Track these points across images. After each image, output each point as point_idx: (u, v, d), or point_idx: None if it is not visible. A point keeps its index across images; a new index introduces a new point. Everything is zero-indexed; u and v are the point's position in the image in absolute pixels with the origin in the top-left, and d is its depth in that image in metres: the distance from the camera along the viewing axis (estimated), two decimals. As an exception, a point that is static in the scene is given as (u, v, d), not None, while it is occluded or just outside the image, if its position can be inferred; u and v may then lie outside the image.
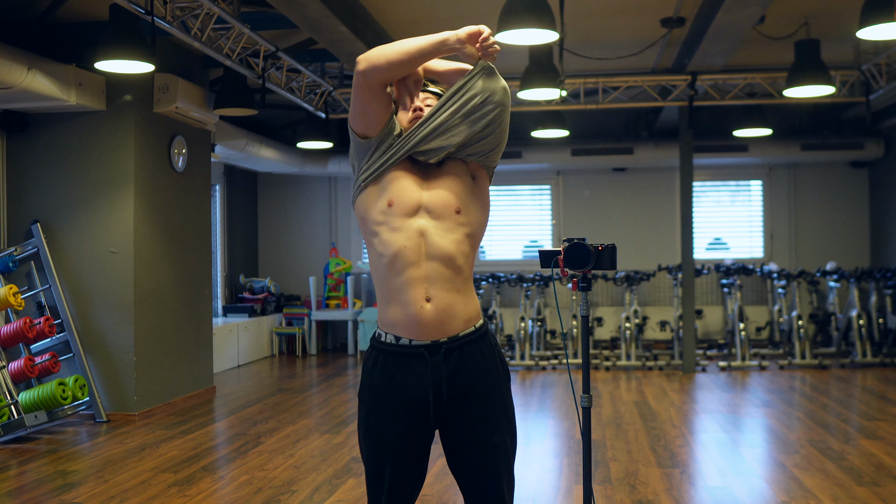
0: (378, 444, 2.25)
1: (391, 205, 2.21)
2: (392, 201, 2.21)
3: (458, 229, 2.22)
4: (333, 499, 4.30)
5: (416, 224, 2.20)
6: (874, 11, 5.08)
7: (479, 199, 2.29)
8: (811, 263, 10.53)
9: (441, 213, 2.21)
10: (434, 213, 2.21)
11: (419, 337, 2.20)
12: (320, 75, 7.72)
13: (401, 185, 2.22)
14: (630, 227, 10.73)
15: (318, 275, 10.91)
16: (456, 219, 2.22)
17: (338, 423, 6.24)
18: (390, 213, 2.21)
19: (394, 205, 2.21)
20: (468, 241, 2.25)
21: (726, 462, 5.02)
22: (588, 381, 2.66)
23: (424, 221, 2.20)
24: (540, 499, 4.32)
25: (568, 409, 6.67)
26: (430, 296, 2.19)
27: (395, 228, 2.20)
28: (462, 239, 2.23)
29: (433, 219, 2.21)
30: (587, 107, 8.07)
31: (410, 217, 2.20)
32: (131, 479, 4.70)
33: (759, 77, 7.64)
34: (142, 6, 4.74)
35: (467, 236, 2.24)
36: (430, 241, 2.19)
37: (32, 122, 6.45)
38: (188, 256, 7.23)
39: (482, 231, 2.32)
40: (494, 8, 5.24)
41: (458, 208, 2.22)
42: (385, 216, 2.22)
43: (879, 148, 9.88)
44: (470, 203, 2.25)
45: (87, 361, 6.34)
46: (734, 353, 9.21)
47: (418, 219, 2.20)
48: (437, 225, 2.20)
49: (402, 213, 2.20)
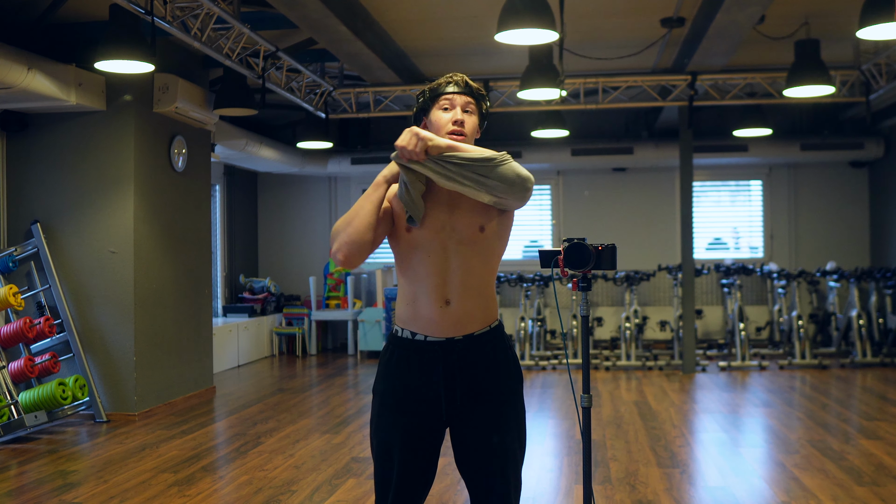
0: (389, 438, 2.28)
1: (410, 230, 2.26)
2: (412, 227, 2.25)
3: (481, 243, 2.26)
4: (333, 499, 4.30)
5: (441, 238, 2.24)
6: (874, 11, 5.07)
7: (502, 214, 2.30)
8: (811, 263, 10.53)
9: (465, 230, 2.25)
10: (458, 232, 2.25)
11: (435, 334, 2.24)
12: (320, 75, 7.72)
13: (425, 210, 2.25)
14: (630, 227, 10.73)
15: (318, 275, 10.91)
16: (480, 235, 2.26)
17: (338, 423, 6.23)
18: (415, 233, 2.25)
19: (415, 229, 2.25)
20: (491, 253, 2.29)
21: (726, 462, 5.02)
22: (588, 381, 2.66)
23: (449, 237, 2.24)
24: (540, 499, 4.32)
25: (568, 409, 6.66)
26: (450, 299, 2.24)
27: (418, 246, 2.25)
28: (484, 251, 2.27)
29: (457, 235, 2.25)
30: (587, 107, 8.06)
31: (436, 233, 2.24)
32: (131, 479, 4.70)
33: (759, 77, 7.64)
34: (142, 6, 4.74)
35: (490, 250, 2.29)
36: (454, 253, 2.24)
37: (32, 122, 6.45)
38: (188, 256, 7.23)
39: (503, 244, 2.35)
40: (494, 8, 5.24)
41: (481, 226, 2.26)
42: (409, 234, 2.27)
43: (879, 148, 9.88)
44: (493, 220, 2.27)
45: (87, 361, 6.34)
46: (734, 353, 9.21)
47: (443, 234, 2.24)
48: (460, 240, 2.24)
49: (428, 230, 2.24)
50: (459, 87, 2.31)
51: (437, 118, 2.30)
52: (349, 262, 2.21)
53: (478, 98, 2.34)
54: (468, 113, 2.31)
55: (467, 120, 2.30)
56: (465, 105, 2.31)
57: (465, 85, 2.32)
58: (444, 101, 2.30)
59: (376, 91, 7.98)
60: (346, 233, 2.20)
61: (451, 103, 2.30)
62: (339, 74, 8.13)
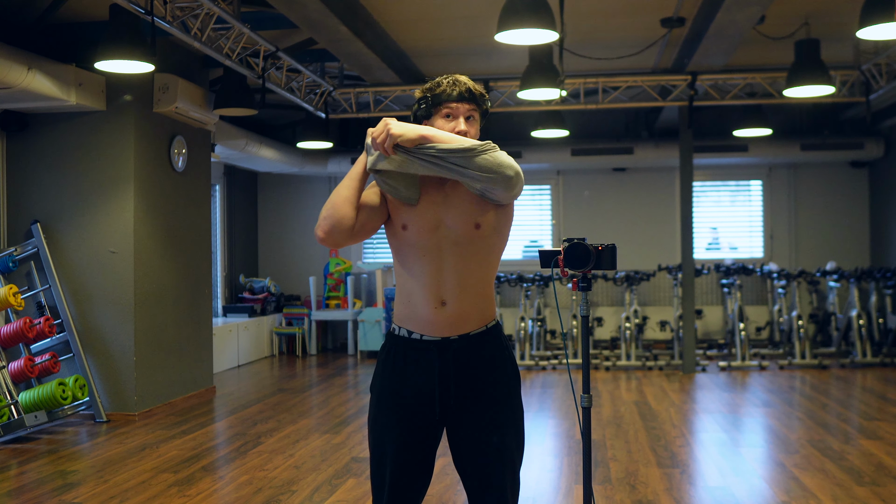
0: (384, 436, 2.28)
1: (405, 228, 2.25)
2: (407, 225, 2.25)
3: (477, 242, 2.25)
4: (333, 499, 4.30)
5: (436, 238, 2.24)
6: (874, 11, 5.07)
7: (499, 209, 2.28)
8: (811, 263, 10.53)
9: (460, 228, 2.24)
10: (453, 230, 2.24)
11: (431, 333, 2.25)
12: (320, 75, 7.72)
13: (419, 208, 2.25)
14: (630, 227, 10.73)
15: (318, 275, 10.91)
16: (475, 233, 2.25)
17: (338, 423, 6.23)
18: (409, 231, 2.25)
19: (410, 227, 2.25)
20: (489, 251, 2.28)
21: (726, 462, 5.02)
22: (588, 381, 2.66)
23: (444, 236, 2.24)
24: (540, 499, 4.32)
25: (568, 409, 6.66)
26: (446, 299, 2.24)
27: (414, 244, 2.25)
28: (481, 250, 2.27)
29: (452, 234, 2.24)
30: (587, 107, 8.06)
31: (431, 233, 2.24)
32: (131, 479, 4.70)
33: (759, 77, 7.64)
34: (142, 6, 4.74)
35: (487, 248, 2.28)
36: (450, 254, 2.23)
37: (32, 122, 6.45)
38: (188, 256, 7.23)
39: (503, 241, 2.33)
40: (494, 8, 5.24)
41: (477, 223, 2.25)
42: (405, 232, 2.26)
43: (879, 148, 9.88)
44: (489, 215, 2.26)
45: (87, 361, 6.34)
46: (734, 353, 9.21)
47: (438, 233, 2.24)
48: (456, 240, 2.24)
49: (423, 229, 2.24)
50: (463, 96, 2.25)
51: (439, 126, 2.26)
52: (329, 237, 2.21)
53: (480, 103, 2.30)
54: (471, 120, 2.28)
55: (470, 129, 2.26)
56: (468, 112, 2.27)
57: (469, 92, 2.26)
58: (446, 109, 2.26)
59: (376, 91, 7.98)
60: (325, 209, 2.22)
61: (455, 112, 2.26)
62: (339, 74, 8.13)
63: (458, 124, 2.25)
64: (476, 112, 2.28)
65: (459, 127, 2.24)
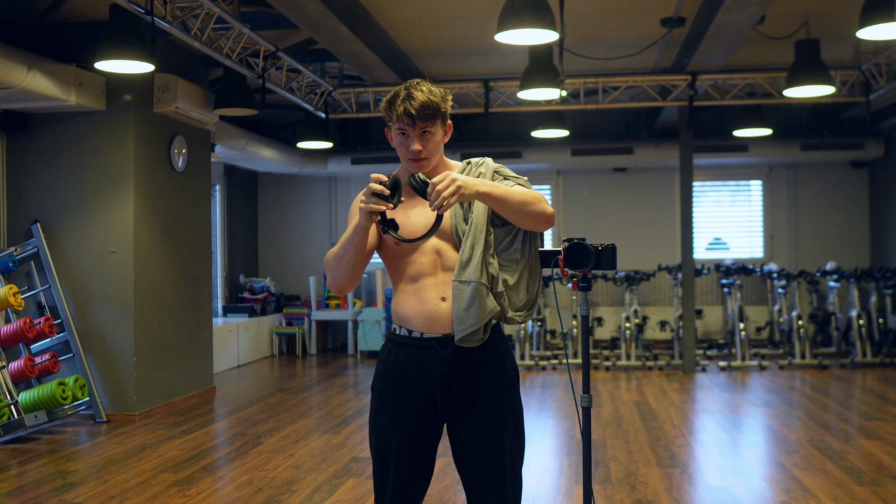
0: (386, 435, 2.29)
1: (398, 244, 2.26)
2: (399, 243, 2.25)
3: None
4: (333, 499, 4.30)
5: (432, 245, 2.25)
6: (874, 11, 5.07)
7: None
8: (811, 263, 10.53)
9: None
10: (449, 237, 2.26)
11: (431, 331, 2.26)
12: (320, 75, 7.72)
13: (413, 215, 2.26)
14: (630, 227, 10.73)
15: (318, 275, 10.91)
16: None
17: (338, 423, 6.23)
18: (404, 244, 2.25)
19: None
20: None
21: (726, 462, 5.02)
22: (588, 381, 2.66)
23: (440, 243, 2.25)
24: (540, 499, 4.32)
25: (568, 409, 6.66)
26: (446, 296, 2.25)
27: (411, 250, 2.26)
28: None
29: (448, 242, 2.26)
30: (587, 107, 8.06)
31: None
32: (131, 479, 4.70)
33: (759, 77, 7.64)
34: (142, 6, 4.74)
35: None
36: (446, 257, 2.25)
37: (32, 122, 6.45)
38: (188, 256, 7.23)
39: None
40: (494, 8, 5.24)
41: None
42: (398, 246, 2.27)
43: (879, 148, 9.87)
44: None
45: (87, 361, 6.34)
46: (734, 353, 9.21)
47: (434, 241, 2.25)
48: (452, 247, 2.26)
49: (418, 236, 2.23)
50: (412, 116, 2.14)
51: (395, 138, 2.23)
52: (343, 293, 2.33)
53: (434, 117, 2.18)
54: (427, 135, 2.19)
55: (427, 144, 2.19)
56: (423, 128, 2.18)
57: (421, 111, 2.15)
58: (398, 127, 2.20)
59: (376, 91, 7.98)
60: (336, 272, 2.24)
61: (408, 130, 2.19)
62: (339, 74, 8.13)
63: (412, 143, 2.19)
64: (432, 125, 2.19)
65: (413, 146, 2.18)
